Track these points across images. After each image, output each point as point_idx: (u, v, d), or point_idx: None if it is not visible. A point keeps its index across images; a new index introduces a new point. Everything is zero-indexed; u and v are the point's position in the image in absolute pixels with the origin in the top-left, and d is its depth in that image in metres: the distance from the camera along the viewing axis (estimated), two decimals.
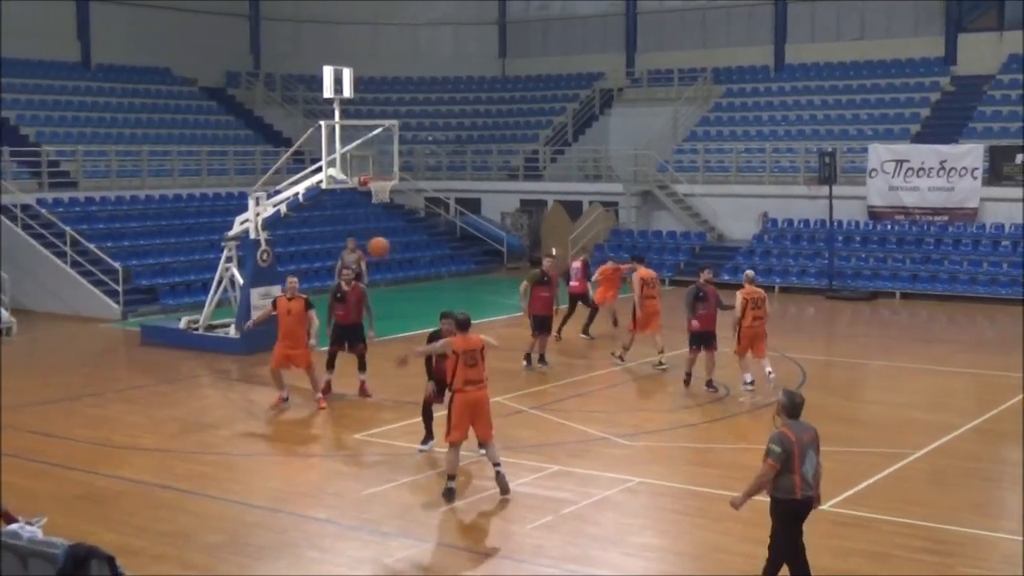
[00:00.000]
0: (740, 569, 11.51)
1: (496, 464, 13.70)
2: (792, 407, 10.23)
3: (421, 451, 15.68)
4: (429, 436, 15.72)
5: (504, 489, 13.62)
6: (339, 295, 18.83)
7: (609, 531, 12.90)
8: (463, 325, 14.21)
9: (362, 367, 19.13)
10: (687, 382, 19.55)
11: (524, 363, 21.39)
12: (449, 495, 13.57)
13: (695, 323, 19.32)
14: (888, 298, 31.55)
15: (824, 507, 13.18)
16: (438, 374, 15.14)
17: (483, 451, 14.27)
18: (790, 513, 10.11)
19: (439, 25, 48.29)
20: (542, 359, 21.54)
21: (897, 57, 40.32)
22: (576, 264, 25.42)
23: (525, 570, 11.59)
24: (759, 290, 19.42)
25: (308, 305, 18.40)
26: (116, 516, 13.11)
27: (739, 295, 19.19)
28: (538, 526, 12.70)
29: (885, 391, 20.26)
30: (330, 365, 19.08)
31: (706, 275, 19.68)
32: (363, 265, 24.86)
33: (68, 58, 39.63)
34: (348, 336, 19.00)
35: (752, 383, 19.03)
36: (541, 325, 21.42)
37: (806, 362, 21.72)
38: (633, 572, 11.74)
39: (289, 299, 18.41)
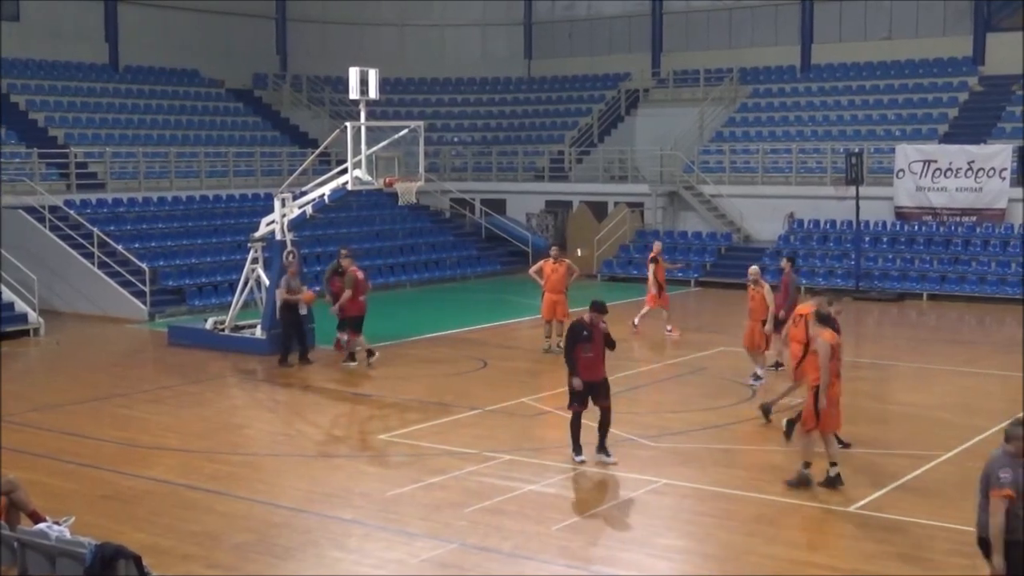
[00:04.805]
0: (767, 571, 11.47)
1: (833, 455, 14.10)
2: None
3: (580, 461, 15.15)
4: (578, 448, 15.17)
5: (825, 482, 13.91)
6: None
7: (635, 532, 12.88)
8: (826, 320, 14.34)
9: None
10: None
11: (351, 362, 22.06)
12: (808, 481, 13.91)
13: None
14: (916, 299, 31.36)
15: (852, 508, 13.18)
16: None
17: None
18: None
19: (465, 26, 48.31)
20: (352, 356, 22.10)
21: (925, 57, 40.08)
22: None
23: (550, 571, 11.58)
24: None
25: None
26: (143, 516, 13.17)
27: (771, 290, 20.00)
28: (563, 527, 12.68)
29: (914, 393, 20.14)
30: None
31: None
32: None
33: (96, 60, 39.85)
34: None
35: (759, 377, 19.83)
36: (353, 324, 22.20)
37: None
38: (659, 573, 11.70)
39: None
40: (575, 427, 15.15)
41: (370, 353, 22.07)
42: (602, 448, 15.04)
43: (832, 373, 13.85)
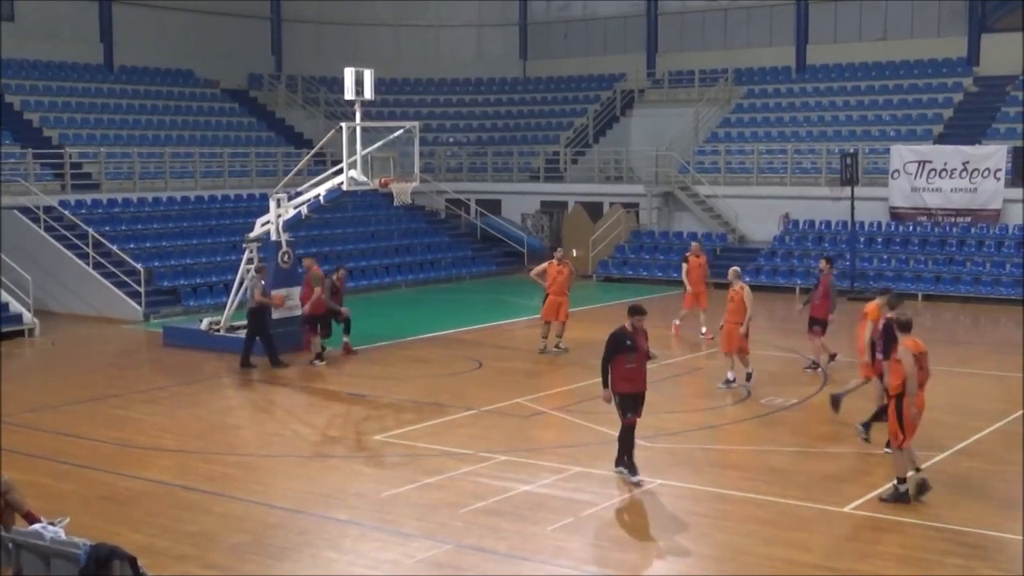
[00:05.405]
0: (763, 571, 11.47)
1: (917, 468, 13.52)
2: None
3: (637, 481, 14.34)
4: (633, 467, 14.34)
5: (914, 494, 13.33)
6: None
7: (630, 533, 12.90)
8: (904, 327, 13.46)
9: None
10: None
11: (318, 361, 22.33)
12: (905, 497, 13.30)
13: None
14: (911, 300, 31.28)
15: (846, 509, 13.19)
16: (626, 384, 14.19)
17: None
18: None
19: (460, 27, 48.32)
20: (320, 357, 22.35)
21: (920, 57, 40.13)
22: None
23: (546, 571, 11.58)
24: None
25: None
26: (139, 516, 13.16)
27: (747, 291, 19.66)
28: (559, 527, 12.68)
29: None
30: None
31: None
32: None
33: (91, 60, 39.81)
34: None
35: (734, 381, 19.72)
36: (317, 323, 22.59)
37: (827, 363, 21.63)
38: (654, 574, 11.72)
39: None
40: (627, 441, 14.29)
41: (319, 357, 22.33)
42: (621, 462, 14.53)
43: (917, 381, 13.20)
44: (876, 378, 16.83)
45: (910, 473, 13.56)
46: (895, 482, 13.44)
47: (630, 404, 14.23)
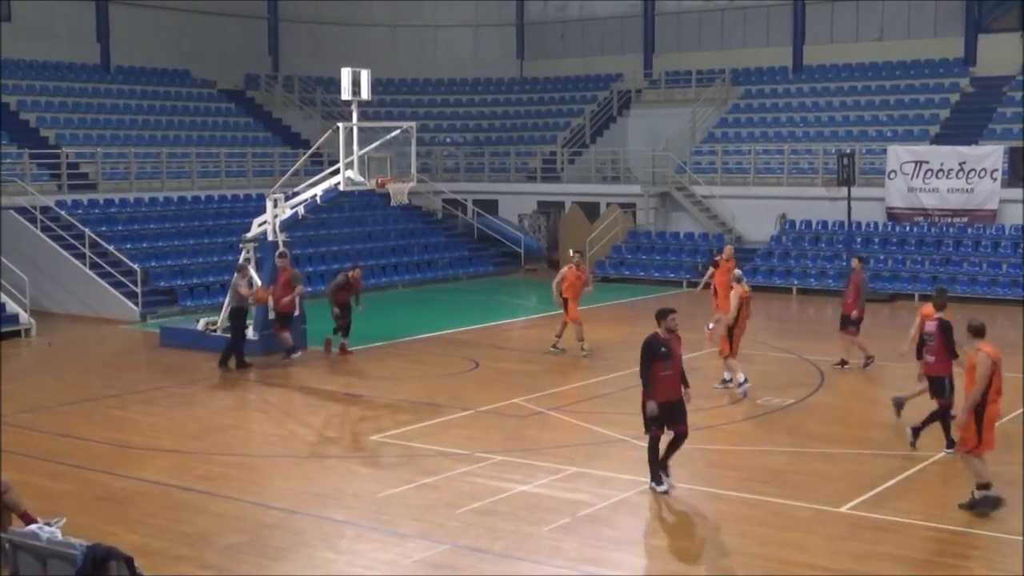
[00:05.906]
0: (759, 571, 11.48)
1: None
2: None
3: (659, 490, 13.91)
4: (658, 477, 13.88)
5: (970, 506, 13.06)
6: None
7: (626, 533, 12.89)
8: (980, 332, 13.05)
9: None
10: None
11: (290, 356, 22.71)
12: (996, 503, 12.93)
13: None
14: (907, 300, 31.37)
15: (842, 509, 13.20)
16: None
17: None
18: None
19: (457, 27, 48.32)
20: (294, 350, 22.78)
21: (916, 58, 40.17)
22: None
23: (542, 571, 11.59)
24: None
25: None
26: (136, 517, 13.16)
27: (736, 294, 19.36)
28: (555, 528, 12.68)
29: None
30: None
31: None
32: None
33: (88, 60, 39.80)
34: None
35: (730, 381, 19.56)
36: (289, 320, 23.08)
37: (824, 364, 21.65)
38: (650, 574, 11.72)
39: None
40: (653, 453, 13.83)
41: (293, 350, 22.62)
42: (663, 467, 14.01)
43: (993, 390, 12.78)
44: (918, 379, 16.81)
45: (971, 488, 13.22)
46: (975, 488, 13.06)
47: (663, 414, 13.66)
